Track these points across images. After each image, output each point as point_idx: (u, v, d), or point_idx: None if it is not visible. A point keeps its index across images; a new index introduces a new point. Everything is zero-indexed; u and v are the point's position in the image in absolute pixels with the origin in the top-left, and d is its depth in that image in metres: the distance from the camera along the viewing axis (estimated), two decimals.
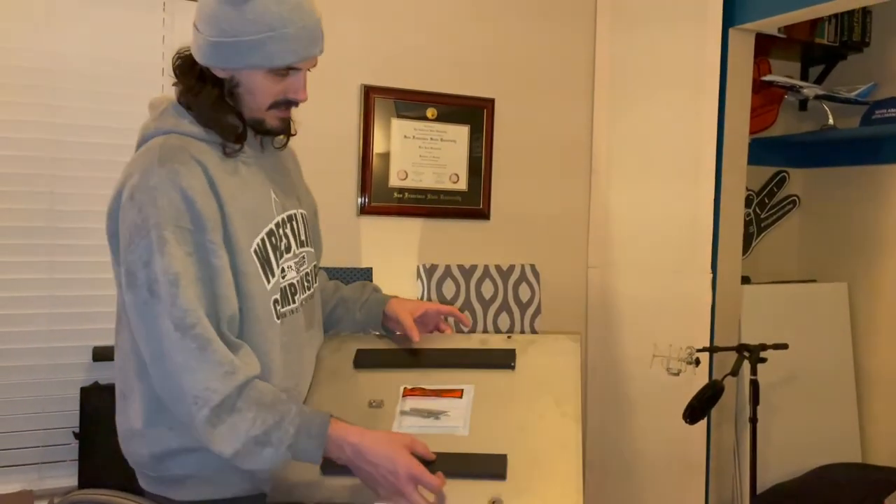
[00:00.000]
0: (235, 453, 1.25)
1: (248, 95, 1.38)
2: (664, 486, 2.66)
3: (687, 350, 2.48)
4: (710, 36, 2.49)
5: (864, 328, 3.00)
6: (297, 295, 1.50)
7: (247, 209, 1.38)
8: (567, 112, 2.89)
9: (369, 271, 2.47)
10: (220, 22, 1.31)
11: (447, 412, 1.42)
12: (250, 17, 1.29)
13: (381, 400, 1.48)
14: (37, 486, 2.10)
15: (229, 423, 1.24)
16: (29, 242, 2.11)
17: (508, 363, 1.53)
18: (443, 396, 1.45)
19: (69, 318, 2.16)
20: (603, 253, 2.90)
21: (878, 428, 2.94)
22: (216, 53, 1.34)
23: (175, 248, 1.25)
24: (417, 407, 1.44)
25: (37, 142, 2.11)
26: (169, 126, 1.37)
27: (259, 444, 1.25)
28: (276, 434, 1.26)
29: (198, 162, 1.31)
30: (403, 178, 2.58)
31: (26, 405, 2.12)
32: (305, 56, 1.36)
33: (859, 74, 3.05)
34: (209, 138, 1.37)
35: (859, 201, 3.06)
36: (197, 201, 1.28)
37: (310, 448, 1.28)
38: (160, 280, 1.24)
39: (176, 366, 1.24)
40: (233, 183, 1.36)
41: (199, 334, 1.24)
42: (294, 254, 1.50)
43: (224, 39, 1.31)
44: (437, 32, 2.63)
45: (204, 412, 1.23)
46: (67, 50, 2.13)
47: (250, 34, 1.30)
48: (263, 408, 1.27)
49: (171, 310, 1.23)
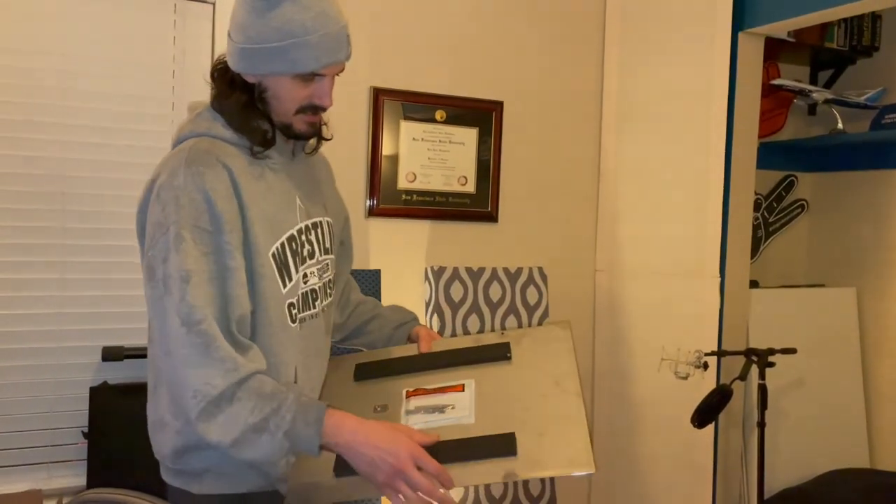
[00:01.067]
0: (234, 441, 1.27)
1: (276, 101, 1.42)
2: (672, 490, 2.66)
3: (695, 354, 2.48)
4: (720, 40, 2.49)
5: (872, 333, 2.99)
6: (319, 301, 1.54)
7: (269, 214, 1.41)
8: (576, 115, 2.89)
9: (378, 273, 2.47)
10: (246, 29, 1.36)
11: (452, 405, 1.45)
12: (275, 24, 1.34)
13: (385, 405, 1.51)
14: (45, 486, 2.11)
15: (228, 412, 1.26)
16: (39, 243, 2.13)
17: (504, 355, 1.56)
18: (446, 392, 1.48)
19: (78, 317, 2.17)
20: (611, 256, 2.90)
21: (886, 433, 2.93)
22: (244, 59, 1.39)
23: (191, 247, 1.29)
24: (422, 405, 1.47)
25: (48, 143, 2.12)
26: (203, 129, 1.42)
27: (257, 432, 1.27)
28: (274, 420, 1.28)
29: (224, 165, 1.36)
30: (412, 180, 2.58)
31: (35, 404, 2.13)
32: (328, 63, 1.39)
33: (869, 79, 3.04)
34: (240, 142, 1.41)
35: (868, 206, 3.05)
36: (217, 203, 1.32)
37: (307, 435, 1.29)
38: (173, 276, 1.28)
39: (180, 360, 1.27)
40: (257, 188, 1.40)
41: (203, 331, 1.27)
42: (317, 260, 1.53)
43: (250, 46, 1.37)
44: (445, 35, 2.64)
45: (202, 405, 1.26)
46: (78, 52, 2.14)
47: (274, 41, 1.34)
48: (262, 397, 1.29)
49: (180, 305, 1.27)
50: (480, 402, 1.44)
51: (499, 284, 2.68)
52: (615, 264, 2.88)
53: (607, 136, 2.91)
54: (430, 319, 2.56)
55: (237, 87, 1.42)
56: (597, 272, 2.95)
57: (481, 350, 1.58)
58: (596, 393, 2.95)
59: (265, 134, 1.42)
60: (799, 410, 2.77)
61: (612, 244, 2.89)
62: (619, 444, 2.85)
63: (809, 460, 2.76)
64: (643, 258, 2.78)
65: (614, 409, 2.87)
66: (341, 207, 1.76)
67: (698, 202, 2.56)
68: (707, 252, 2.53)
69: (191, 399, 1.26)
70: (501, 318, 2.67)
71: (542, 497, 2.72)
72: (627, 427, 2.82)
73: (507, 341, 1.60)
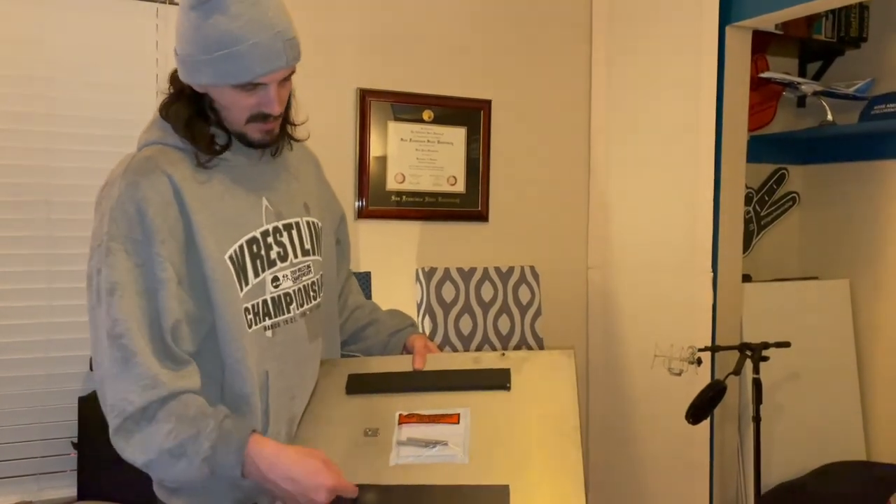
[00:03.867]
0: (148, 462, 1.26)
1: (225, 111, 1.38)
2: (668, 486, 2.65)
3: (688, 350, 2.47)
4: (707, 34, 2.48)
5: (866, 325, 2.99)
6: (293, 305, 1.49)
7: (224, 217, 1.38)
8: (564, 112, 2.88)
9: (368, 275, 2.46)
10: (184, 41, 1.33)
11: (445, 440, 1.38)
12: (206, 35, 1.29)
13: (376, 428, 1.44)
14: (36, 498, 2.09)
15: (145, 432, 1.25)
16: (24, 252, 2.11)
17: (504, 384, 1.49)
18: (440, 422, 1.41)
19: (66, 327, 2.15)
20: (603, 253, 2.89)
21: (882, 425, 2.93)
22: (185, 71, 1.36)
23: (121, 259, 1.28)
24: (414, 436, 1.40)
25: (31, 151, 2.10)
26: (154, 137, 1.40)
27: (174, 457, 1.25)
28: (192, 447, 1.26)
29: (164, 173, 1.33)
30: (401, 181, 2.57)
31: (24, 416, 2.11)
32: (263, 72, 1.32)
33: (857, 70, 3.04)
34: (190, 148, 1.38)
35: (859, 197, 3.05)
36: (149, 213, 1.30)
37: (228, 463, 1.27)
38: (102, 288, 1.28)
39: (103, 372, 1.27)
40: (206, 192, 1.37)
41: (124, 345, 1.25)
42: (291, 263, 1.49)
43: (188, 58, 1.33)
44: (431, 35, 2.62)
45: (116, 421, 1.25)
46: (61, 58, 2.12)
47: (207, 53, 1.30)
48: (183, 421, 1.26)
49: (105, 318, 1.27)
50: (475, 439, 1.38)
51: (490, 284, 2.67)
52: (607, 261, 2.87)
53: (597, 132, 2.90)
54: (422, 321, 2.55)
55: (185, 96, 1.39)
56: (589, 269, 2.94)
57: (480, 375, 1.51)
58: (590, 390, 2.94)
59: (212, 140, 1.39)
60: (794, 404, 2.76)
61: (604, 241, 2.88)
62: (615, 441, 2.84)
63: (806, 454, 2.75)
64: (635, 254, 2.77)
65: (609, 407, 2.86)
66: (334, 206, 1.72)
67: (689, 197, 2.55)
68: (699, 247, 2.52)
69: (109, 413, 1.26)
70: (494, 317, 2.66)
71: None
72: (622, 424, 2.81)
73: (507, 367, 1.52)
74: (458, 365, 1.53)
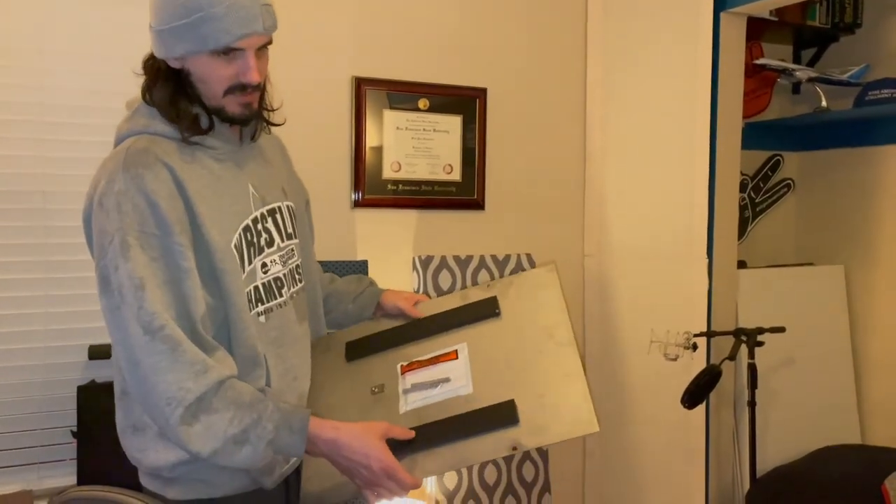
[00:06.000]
0: (214, 452, 1.26)
1: (202, 84, 1.36)
2: (664, 471, 2.67)
3: (684, 335, 2.48)
4: (702, 20, 2.48)
5: (861, 310, 3.00)
6: (285, 289, 1.50)
7: (221, 206, 1.38)
8: (560, 100, 2.89)
9: (364, 264, 2.46)
10: (158, 10, 1.33)
11: (447, 377, 1.42)
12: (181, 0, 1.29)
13: (381, 384, 1.48)
14: (36, 486, 2.10)
15: (206, 422, 1.24)
16: (22, 242, 2.11)
17: (494, 311, 1.53)
18: (439, 362, 1.46)
19: (64, 316, 2.15)
20: (599, 241, 2.90)
21: (876, 409, 2.95)
22: (160, 43, 1.35)
23: (139, 254, 1.26)
24: (417, 381, 1.45)
25: (26, 141, 2.10)
26: (140, 126, 1.37)
27: (238, 444, 1.26)
28: (255, 432, 1.27)
29: (164, 164, 1.32)
30: (397, 169, 2.57)
31: (24, 405, 2.11)
32: (241, 34, 1.31)
33: (852, 56, 3.04)
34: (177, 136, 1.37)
35: (854, 183, 3.05)
36: (161, 205, 1.28)
37: (292, 442, 1.30)
38: (126, 284, 1.25)
39: (147, 369, 1.24)
40: (203, 181, 1.36)
41: (168, 335, 1.24)
42: (278, 247, 1.50)
43: (163, 27, 1.33)
44: (426, 23, 2.62)
45: (178, 412, 1.23)
46: (53, 49, 2.12)
47: (182, 18, 1.29)
48: (241, 407, 1.27)
49: (139, 314, 1.24)
50: (476, 368, 1.42)
51: (487, 272, 2.68)
52: (603, 248, 2.88)
53: (592, 120, 2.90)
54: None
55: (162, 76, 1.37)
56: (585, 257, 2.95)
57: (469, 309, 1.55)
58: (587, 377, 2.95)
59: (196, 119, 1.38)
60: (789, 388, 2.78)
61: (600, 228, 2.89)
62: (612, 426, 2.85)
63: (801, 438, 2.77)
64: (631, 241, 2.78)
65: (605, 392, 2.88)
66: (301, 189, 1.72)
67: (685, 184, 2.56)
68: (695, 233, 2.53)
69: (165, 407, 1.23)
70: None
71: (535, 482, 2.72)
72: (619, 410, 2.82)
73: (494, 295, 1.56)
74: (448, 305, 1.56)
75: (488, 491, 2.62)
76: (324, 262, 2.38)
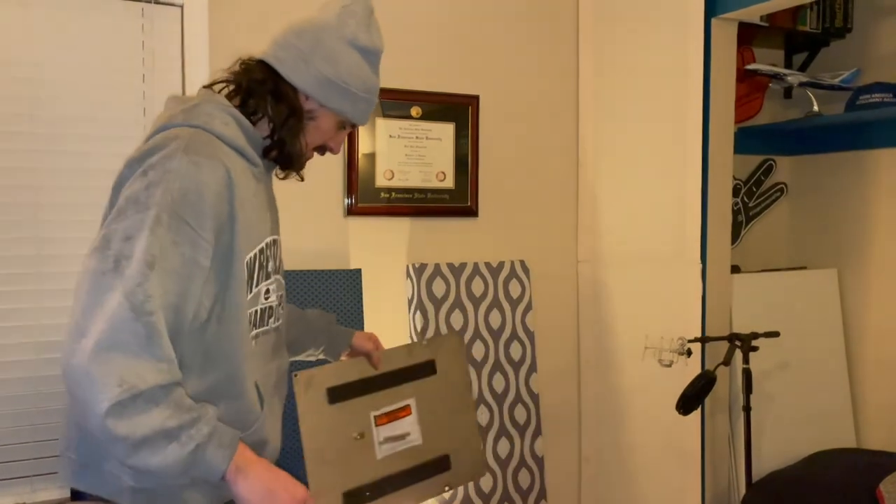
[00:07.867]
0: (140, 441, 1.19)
1: (315, 130, 1.52)
2: (660, 477, 2.66)
3: (678, 341, 2.48)
4: (693, 26, 2.49)
5: (854, 313, 3.01)
6: (272, 319, 1.52)
7: (252, 221, 1.40)
8: (552, 107, 2.89)
9: (358, 272, 2.46)
10: (340, 65, 1.48)
11: (409, 432, 1.87)
12: (363, 74, 1.51)
13: (362, 433, 1.78)
14: (29, 500, 2.09)
15: (143, 410, 1.20)
16: (13, 254, 2.10)
17: (433, 371, 1.96)
18: (399, 418, 1.86)
19: (57, 329, 2.13)
20: (592, 247, 2.90)
21: (871, 412, 2.95)
22: (322, 88, 1.47)
23: (164, 233, 1.25)
24: (388, 435, 1.83)
25: (18, 152, 2.09)
26: (199, 122, 1.37)
27: (166, 438, 1.21)
28: (189, 432, 1.23)
29: (223, 164, 1.33)
30: (390, 177, 2.57)
31: (16, 418, 2.10)
32: (364, 122, 1.59)
33: (843, 60, 3.05)
34: (235, 144, 1.39)
35: (847, 187, 3.06)
36: (207, 198, 1.29)
37: (219, 456, 1.27)
38: (135, 257, 1.22)
39: (111, 342, 1.19)
40: (248, 192, 1.39)
41: (152, 323, 1.21)
42: (275, 278, 1.52)
43: (338, 82, 1.48)
44: (418, 30, 2.63)
45: (122, 396, 1.17)
46: (47, 59, 2.11)
47: (358, 89, 1.50)
48: (182, 408, 1.25)
49: (135, 289, 1.21)
50: (422, 422, 1.89)
51: (481, 279, 2.67)
52: (597, 255, 2.88)
53: (585, 126, 2.91)
54: (414, 316, 2.55)
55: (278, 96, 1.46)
56: (579, 263, 2.95)
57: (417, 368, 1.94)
58: (582, 383, 2.95)
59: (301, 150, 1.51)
60: (784, 393, 2.78)
61: (594, 235, 2.89)
62: (607, 433, 2.85)
63: (796, 442, 2.77)
64: (625, 247, 2.78)
65: (600, 399, 2.87)
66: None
67: (677, 189, 2.56)
68: (688, 238, 2.53)
69: (111, 384, 1.17)
70: (485, 312, 2.66)
71: (532, 489, 2.72)
72: (614, 416, 2.82)
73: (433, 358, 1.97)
74: (402, 361, 1.92)
75: (484, 499, 2.61)
76: (317, 271, 2.38)
